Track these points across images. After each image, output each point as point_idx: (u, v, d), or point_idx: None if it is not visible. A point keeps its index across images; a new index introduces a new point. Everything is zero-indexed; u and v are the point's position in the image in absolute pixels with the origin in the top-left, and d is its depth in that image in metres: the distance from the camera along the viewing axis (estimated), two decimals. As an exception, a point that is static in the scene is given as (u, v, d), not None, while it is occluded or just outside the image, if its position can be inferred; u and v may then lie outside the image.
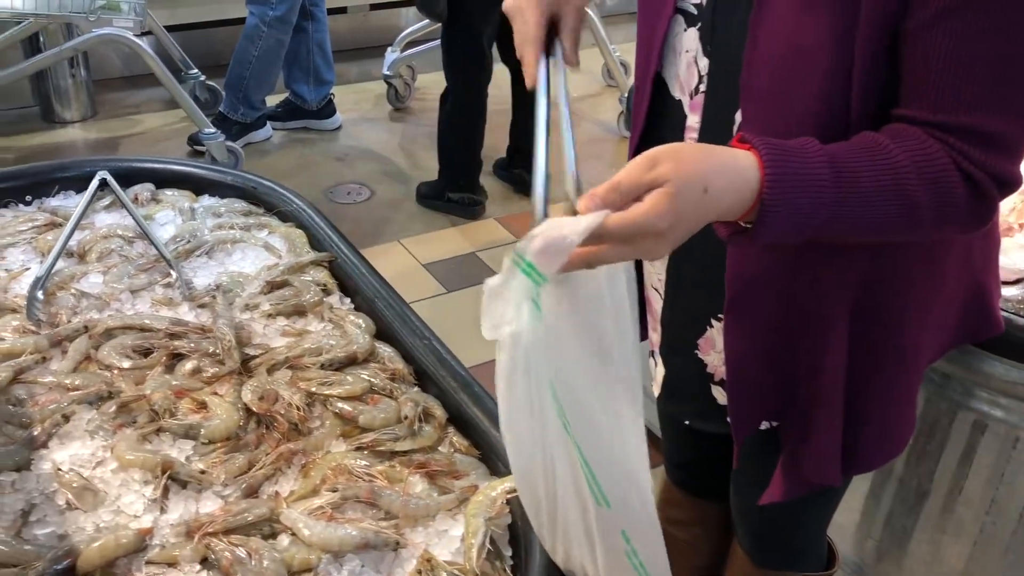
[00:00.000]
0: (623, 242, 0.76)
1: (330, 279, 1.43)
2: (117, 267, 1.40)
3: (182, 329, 1.28)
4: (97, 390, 1.15)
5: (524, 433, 0.83)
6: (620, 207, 0.75)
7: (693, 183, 0.78)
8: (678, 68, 1.05)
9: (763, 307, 1.05)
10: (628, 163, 0.79)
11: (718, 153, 0.83)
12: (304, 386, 1.19)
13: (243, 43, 3.62)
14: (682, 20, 1.03)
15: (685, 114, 1.05)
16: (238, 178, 1.65)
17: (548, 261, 0.73)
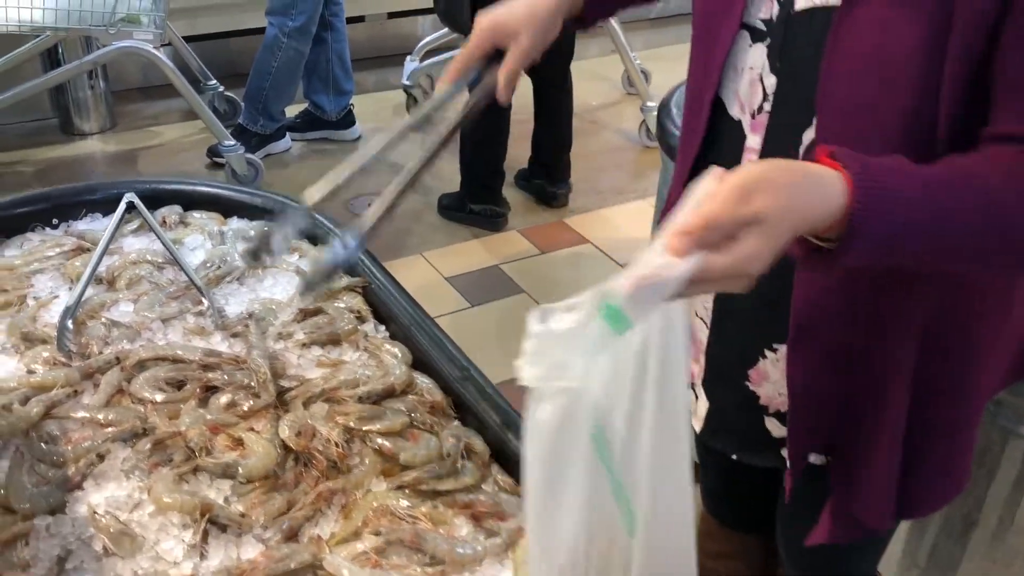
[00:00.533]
0: (716, 283, 0.73)
1: (364, 305, 1.40)
2: (147, 295, 1.38)
3: (215, 360, 1.25)
4: (131, 427, 1.12)
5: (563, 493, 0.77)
6: (714, 244, 0.72)
7: (789, 216, 0.74)
8: (738, 86, 1.01)
9: (829, 337, 1.01)
10: (720, 192, 0.73)
11: (808, 174, 0.78)
12: (342, 421, 1.16)
13: (262, 54, 3.60)
14: (747, 36, 0.98)
15: (744, 134, 1.01)
16: (267, 200, 1.62)
17: (640, 307, 0.69)
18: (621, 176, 3.82)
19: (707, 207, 0.73)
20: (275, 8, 3.53)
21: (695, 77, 1.07)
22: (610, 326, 0.70)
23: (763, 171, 0.76)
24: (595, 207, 3.57)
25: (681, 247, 0.71)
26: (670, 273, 0.69)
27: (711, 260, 0.71)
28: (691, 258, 0.70)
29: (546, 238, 3.37)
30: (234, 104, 4.02)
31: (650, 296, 0.69)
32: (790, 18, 0.94)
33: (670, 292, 0.70)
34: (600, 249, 3.31)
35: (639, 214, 3.54)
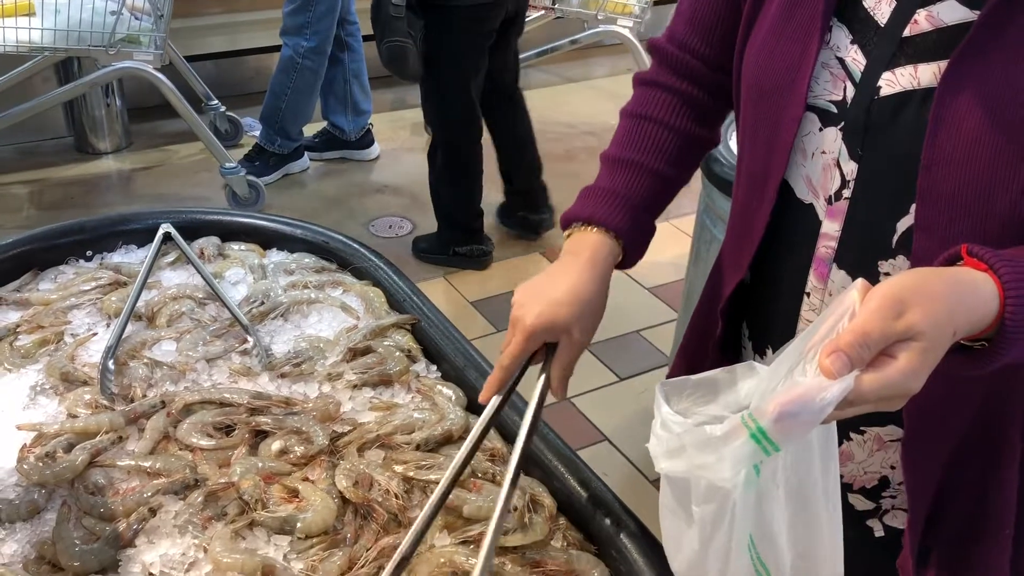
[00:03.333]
0: (871, 403, 0.68)
1: (414, 343, 1.35)
2: (190, 333, 1.33)
3: (264, 403, 1.20)
4: (182, 478, 1.07)
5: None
6: (867, 362, 0.67)
7: (945, 331, 0.69)
8: (808, 170, 0.93)
9: (942, 436, 0.94)
10: (869, 305, 0.68)
11: (961, 282, 0.73)
12: (400, 470, 1.11)
13: (278, 75, 3.57)
14: (816, 119, 0.91)
15: (819, 219, 0.93)
16: (307, 231, 1.57)
17: (789, 431, 0.65)
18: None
19: (858, 323, 0.67)
20: (289, 28, 3.50)
21: (755, 156, 0.98)
22: (759, 447, 0.66)
23: (916, 281, 0.71)
24: (620, 229, 3.53)
25: (834, 367, 0.66)
26: (822, 395, 0.65)
27: (865, 380, 0.66)
28: (845, 379, 0.65)
29: (571, 260, 3.32)
30: (236, 124, 3.99)
31: (800, 421, 0.65)
32: (873, 103, 0.86)
33: (823, 416, 0.65)
34: (625, 272, 3.26)
35: (665, 236, 3.47)
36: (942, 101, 0.81)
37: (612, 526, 1.04)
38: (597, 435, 2.56)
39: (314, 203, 3.63)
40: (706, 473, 0.68)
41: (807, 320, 0.98)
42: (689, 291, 2.32)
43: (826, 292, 0.95)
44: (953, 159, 0.81)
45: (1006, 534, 0.99)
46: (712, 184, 2.02)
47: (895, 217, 0.87)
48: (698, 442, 0.69)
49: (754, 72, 0.95)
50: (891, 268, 0.89)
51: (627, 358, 2.85)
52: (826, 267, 0.94)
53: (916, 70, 0.84)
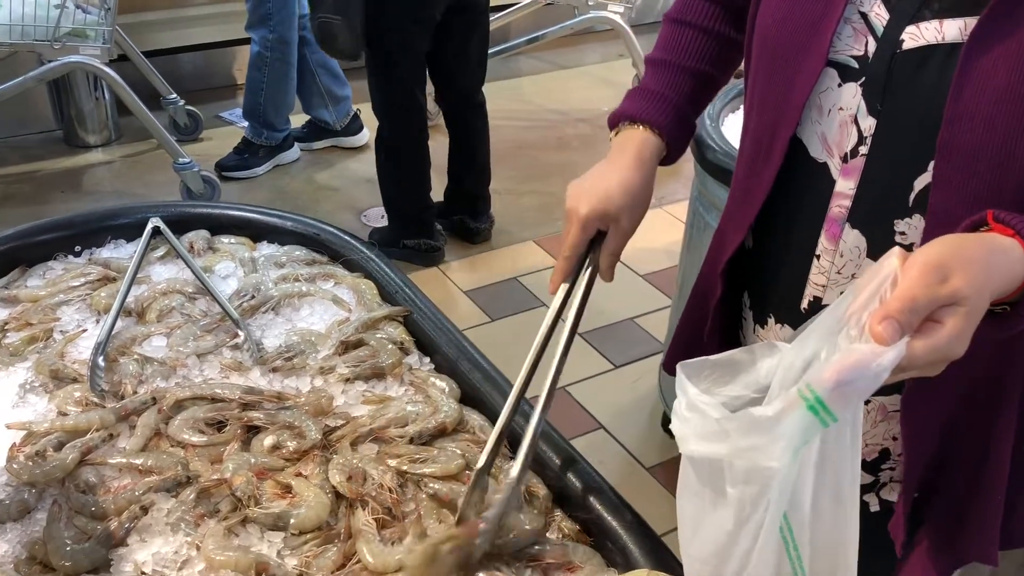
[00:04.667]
0: (918, 369, 0.69)
1: (406, 336, 1.34)
2: (181, 328, 1.32)
3: (256, 398, 1.20)
4: (174, 475, 1.06)
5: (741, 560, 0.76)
6: (915, 327, 0.68)
7: (985, 295, 0.71)
8: (824, 127, 0.93)
9: (942, 388, 0.94)
10: (911, 272, 0.69)
11: (994, 247, 0.74)
12: (394, 464, 1.10)
13: (251, 71, 3.57)
14: (835, 74, 0.91)
15: (833, 179, 0.93)
16: (298, 223, 1.56)
17: (846, 399, 0.65)
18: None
19: (905, 289, 0.69)
20: (253, 22, 3.50)
21: (765, 112, 0.98)
22: (816, 418, 0.66)
23: (955, 248, 0.72)
24: (612, 216, 3.52)
25: (887, 334, 0.67)
26: (878, 361, 0.65)
27: (917, 346, 0.68)
28: (897, 345, 0.66)
29: (563, 248, 3.31)
30: (196, 118, 3.95)
31: (857, 388, 0.66)
32: (895, 57, 0.86)
33: (879, 382, 0.66)
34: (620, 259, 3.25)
35: (655, 222, 3.48)
36: (969, 56, 0.81)
37: (608, 517, 1.03)
38: (592, 423, 2.55)
39: (305, 194, 3.61)
40: (754, 455, 0.68)
41: (815, 284, 0.98)
42: (683, 278, 2.32)
43: (837, 253, 0.95)
44: (976, 115, 0.81)
45: (998, 499, 1.00)
46: (705, 170, 2.01)
47: (913, 174, 0.87)
48: (745, 426, 0.68)
49: (771, 27, 0.96)
50: (907, 227, 0.90)
51: (621, 345, 2.84)
52: (838, 227, 0.94)
53: (942, 25, 0.84)
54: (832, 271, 0.96)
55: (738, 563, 0.75)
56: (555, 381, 1.02)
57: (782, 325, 1.05)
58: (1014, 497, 1.01)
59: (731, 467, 0.71)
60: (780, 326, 1.05)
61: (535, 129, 3.32)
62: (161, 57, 4.02)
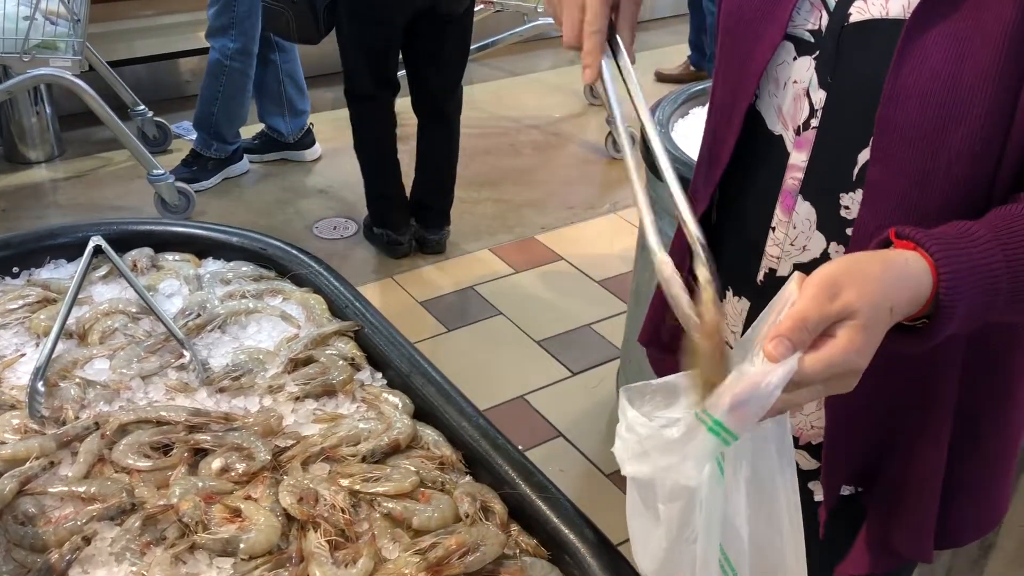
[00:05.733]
0: (819, 384, 0.70)
1: (357, 351, 1.31)
2: (124, 350, 1.28)
3: (203, 420, 1.16)
4: (118, 503, 1.02)
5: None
6: (808, 345, 0.69)
7: (881, 307, 0.72)
8: (780, 100, 0.94)
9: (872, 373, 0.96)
10: (805, 293, 0.71)
11: (892, 262, 0.76)
12: (346, 483, 1.08)
13: (207, 80, 3.51)
14: (791, 48, 0.92)
15: (787, 151, 0.95)
16: (244, 238, 1.53)
17: (743, 419, 0.67)
18: (590, 190, 3.77)
19: (796, 309, 0.71)
20: (214, 30, 3.45)
21: (726, 85, 1.00)
22: (719, 439, 0.68)
23: (847, 264, 0.74)
24: (566, 223, 3.52)
25: (776, 352, 0.69)
26: (768, 380, 0.67)
27: (807, 360, 0.69)
28: (788, 361, 0.68)
29: (519, 257, 3.30)
30: (165, 129, 3.90)
31: (752, 407, 0.68)
32: (843, 30, 0.88)
33: (771, 400, 0.68)
34: (575, 266, 3.25)
35: (612, 228, 3.50)
36: (909, 36, 0.82)
37: (565, 530, 1.02)
38: (552, 431, 2.54)
39: (255, 207, 3.57)
40: (671, 474, 0.70)
41: (770, 256, 0.99)
42: (637, 283, 2.32)
43: (790, 225, 0.96)
44: (913, 93, 0.82)
45: (931, 497, 1.02)
46: (656, 177, 2.01)
47: (856, 148, 0.89)
48: (660, 445, 0.71)
49: (736, 2, 0.97)
50: (850, 201, 0.91)
51: (579, 352, 2.84)
52: (792, 199, 0.95)
53: (887, 0, 0.85)
54: (786, 243, 0.97)
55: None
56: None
57: (739, 298, 1.06)
58: (950, 495, 1.02)
59: (662, 485, 0.74)
60: (738, 298, 1.06)
61: (488, 136, 3.33)
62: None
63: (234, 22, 3.39)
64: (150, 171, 3.32)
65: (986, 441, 1.02)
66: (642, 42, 5.41)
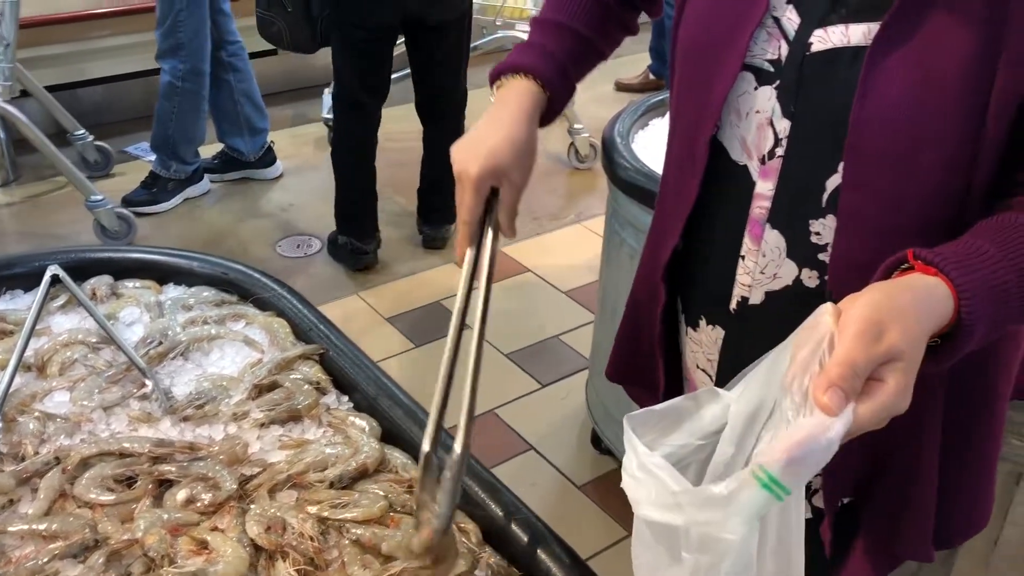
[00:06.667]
0: (863, 429, 0.69)
1: (323, 374, 1.30)
2: (84, 381, 1.26)
3: (167, 450, 1.15)
4: (81, 539, 1.01)
5: None
6: (859, 391, 0.69)
7: (921, 343, 0.72)
8: (743, 131, 0.94)
9: None
10: (847, 332, 0.70)
11: (918, 290, 0.75)
12: (314, 511, 1.07)
13: (160, 102, 3.48)
14: (751, 78, 0.92)
15: (753, 180, 0.95)
16: (205, 263, 1.51)
17: (799, 476, 0.66)
18: (555, 200, 3.78)
19: (844, 353, 0.69)
20: (163, 51, 3.42)
21: (686, 114, 1.00)
22: (770, 494, 0.67)
23: (886, 300, 0.73)
24: (533, 234, 3.52)
25: (832, 403, 0.67)
26: (828, 435, 0.66)
27: (862, 411, 0.68)
28: (844, 414, 0.67)
29: (485, 270, 3.29)
30: (106, 153, 3.84)
31: (809, 463, 0.67)
32: (805, 59, 0.88)
33: (830, 454, 0.66)
34: (542, 277, 3.25)
35: (578, 238, 3.51)
36: (873, 61, 0.83)
37: (537, 551, 1.02)
38: (523, 445, 2.54)
39: (217, 227, 3.53)
40: (710, 529, 0.68)
41: (742, 284, 0.99)
42: (604, 292, 2.32)
43: (760, 254, 0.96)
44: (881, 118, 0.83)
45: (931, 496, 1.03)
46: (618, 188, 2.02)
47: (825, 175, 0.89)
48: (701, 501, 0.68)
49: (693, 33, 0.97)
50: (821, 227, 0.91)
51: (548, 364, 2.84)
52: (760, 228, 0.96)
53: (847, 29, 0.86)
54: (756, 271, 0.97)
55: None
56: (480, 345, 1.00)
57: (713, 326, 1.06)
58: (943, 499, 1.03)
59: (687, 534, 0.71)
60: (712, 327, 1.06)
61: (450, 150, 3.34)
62: (59, 92, 3.89)
63: (182, 43, 3.36)
64: (88, 197, 3.26)
65: (976, 444, 1.05)
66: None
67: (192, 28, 3.36)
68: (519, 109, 1.04)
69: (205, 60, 3.46)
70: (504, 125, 1.02)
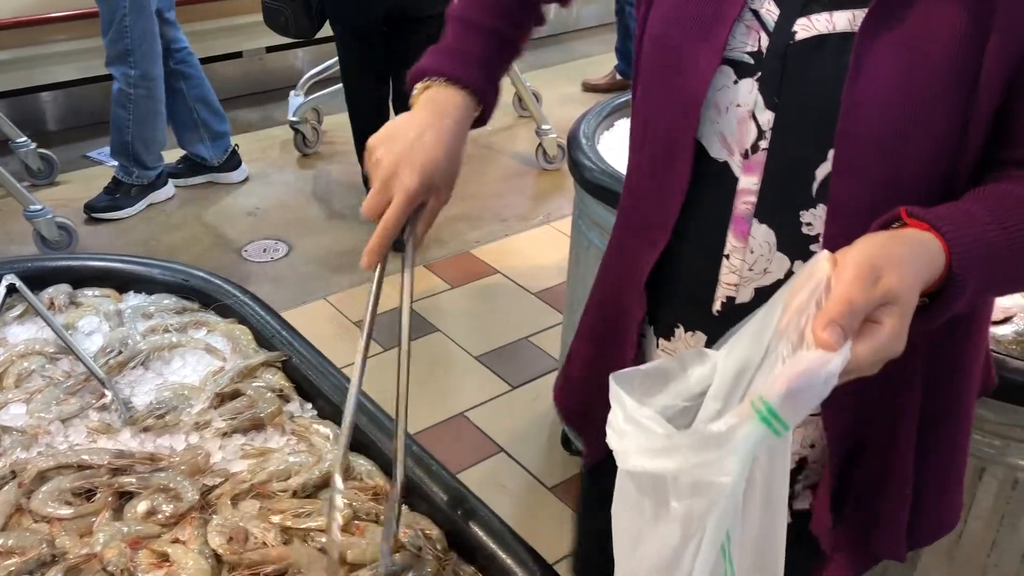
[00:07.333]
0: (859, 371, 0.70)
1: (285, 382, 1.29)
2: (42, 392, 1.24)
3: (127, 462, 1.13)
4: (37, 555, 0.99)
5: None
6: (856, 330, 0.70)
7: (916, 290, 0.74)
8: (721, 126, 0.92)
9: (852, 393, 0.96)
10: (845, 275, 0.71)
11: (913, 243, 0.77)
12: (278, 520, 1.05)
13: (115, 110, 3.44)
14: (730, 72, 0.90)
15: (735, 176, 0.93)
16: (165, 270, 1.49)
17: (798, 408, 0.66)
18: (523, 201, 3.78)
19: (842, 292, 0.70)
20: (112, 58, 3.37)
21: (658, 115, 0.97)
22: (769, 428, 0.67)
23: (883, 247, 0.74)
24: (501, 235, 3.52)
25: (832, 338, 0.68)
26: (827, 368, 0.66)
27: (860, 349, 0.69)
28: (843, 349, 0.67)
29: (455, 272, 3.29)
30: (50, 161, 3.78)
31: (808, 395, 0.66)
32: (788, 49, 0.87)
33: (828, 389, 0.67)
34: (511, 279, 3.25)
35: (546, 239, 3.51)
36: (862, 46, 0.82)
37: (503, 556, 1.01)
38: (493, 447, 2.53)
39: (182, 233, 3.49)
40: (704, 471, 0.68)
41: (727, 284, 0.97)
42: (572, 294, 2.32)
43: (747, 250, 0.95)
44: (872, 102, 0.83)
45: (906, 493, 1.03)
46: (584, 190, 2.02)
47: (814, 164, 0.88)
48: (697, 441, 0.68)
49: (664, 29, 0.96)
50: (812, 217, 0.90)
51: (517, 366, 2.84)
52: (746, 224, 0.94)
53: (832, 16, 0.86)
54: (744, 269, 0.95)
55: None
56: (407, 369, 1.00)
57: (693, 332, 1.03)
58: (917, 495, 1.04)
59: (675, 482, 0.70)
60: (691, 334, 1.03)
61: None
62: (15, 98, 3.83)
63: (129, 49, 3.32)
64: (26, 207, 3.20)
65: (945, 444, 1.04)
66: (569, 52, 5.45)
67: (138, 33, 3.31)
68: (455, 123, 1.01)
69: (156, 64, 3.41)
70: (444, 136, 1.00)
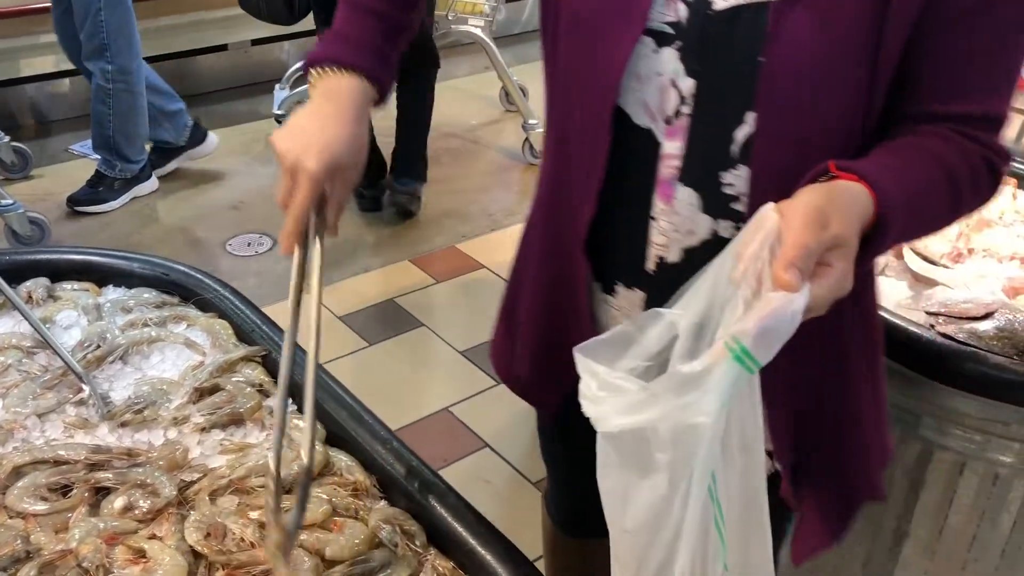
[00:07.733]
0: (815, 310, 0.76)
1: (265, 376, 1.28)
2: (18, 387, 1.22)
3: (104, 457, 1.12)
4: (12, 551, 0.98)
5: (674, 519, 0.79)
6: (810, 272, 0.75)
7: (857, 235, 0.80)
8: (644, 94, 0.95)
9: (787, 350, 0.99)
10: (795, 222, 0.76)
11: (852, 192, 0.82)
12: (256, 516, 1.05)
13: (95, 105, 3.40)
14: (651, 42, 0.93)
15: (658, 142, 0.96)
16: (145, 264, 1.48)
17: (768, 346, 0.70)
18: (509, 196, 3.77)
19: (796, 237, 0.75)
20: (89, 53, 3.33)
21: (576, 85, 0.99)
22: (742, 367, 0.71)
23: (826, 196, 0.80)
24: (487, 230, 3.50)
25: (793, 279, 0.73)
26: (792, 307, 0.71)
27: (816, 288, 0.75)
28: (804, 289, 0.73)
29: (440, 266, 3.27)
30: (24, 154, 3.72)
31: (778, 332, 0.71)
32: (707, 18, 0.90)
33: (794, 326, 0.72)
34: (497, 274, 3.24)
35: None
36: (779, 11, 0.87)
37: (482, 552, 1.01)
38: (477, 442, 2.53)
39: (166, 226, 3.47)
40: (684, 414, 0.71)
41: (657, 244, 1.00)
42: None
43: (673, 212, 0.98)
44: (790, 66, 0.87)
45: (867, 439, 1.10)
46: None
47: (733, 127, 0.92)
48: (675, 385, 0.72)
49: (580, 1, 0.97)
50: (734, 178, 0.94)
51: (502, 360, 2.83)
52: (670, 187, 0.97)
53: None
54: (671, 230, 0.99)
55: (673, 529, 0.77)
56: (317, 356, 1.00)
57: (632, 289, 1.06)
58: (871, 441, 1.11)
59: (656, 433, 0.73)
60: (631, 290, 1.06)
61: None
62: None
63: (105, 44, 3.28)
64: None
65: (882, 392, 1.12)
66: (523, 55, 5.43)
67: (115, 27, 3.28)
68: (351, 106, 1.02)
69: (134, 58, 3.38)
70: (345, 122, 1.00)
